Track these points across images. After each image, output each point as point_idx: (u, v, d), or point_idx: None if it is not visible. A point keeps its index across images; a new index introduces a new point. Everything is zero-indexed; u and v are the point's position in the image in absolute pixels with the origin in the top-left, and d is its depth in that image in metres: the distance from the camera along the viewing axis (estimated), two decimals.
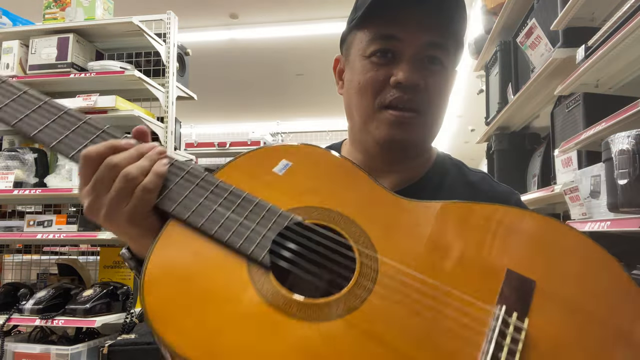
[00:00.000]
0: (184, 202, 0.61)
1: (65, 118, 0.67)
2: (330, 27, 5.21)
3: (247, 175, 0.66)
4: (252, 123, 8.06)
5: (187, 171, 0.64)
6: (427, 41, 0.75)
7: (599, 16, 1.69)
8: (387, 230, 0.63)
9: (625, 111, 1.30)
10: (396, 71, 0.75)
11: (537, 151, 2.44)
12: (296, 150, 0.70)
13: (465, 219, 0.64)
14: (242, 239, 0.59)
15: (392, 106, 0.76)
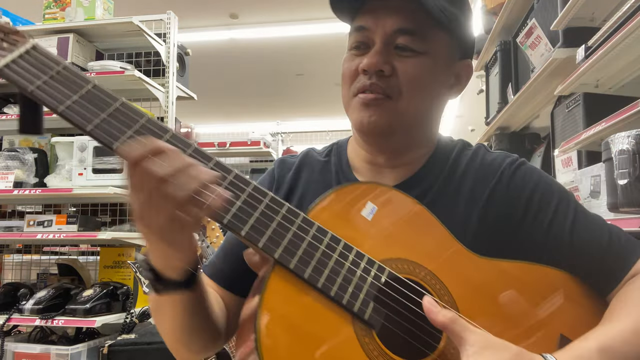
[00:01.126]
0: (287, 247, 0.60)
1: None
2: (330, 27, 5.21)
3: (338, 217, 0.66)
4: (252, 123, 8.06)
5: (285, 210, 0.63)
6: (395, 27, 0.76)
7: (599, 16, 1.69)
8: (465, 288, 0.67)
9: (625, 111, 1.30)
10: (364, 59, 0.77)
11: (537, 151, 2.44)
12: (380, 193, 0.71)
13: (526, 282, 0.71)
14: (347, 294, 0.60)
15: (359, 92, 0.78)
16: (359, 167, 0.86)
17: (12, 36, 0.61)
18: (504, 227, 0.78)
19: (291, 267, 0.59)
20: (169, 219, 0.55)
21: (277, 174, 0.89)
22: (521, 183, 0.80)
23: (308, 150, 0.93)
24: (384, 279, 0.63)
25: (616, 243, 0.76)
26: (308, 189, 0.86)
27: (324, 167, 0.88)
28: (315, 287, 0.59)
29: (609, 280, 0.74)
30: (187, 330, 0.72)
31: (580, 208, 0.79)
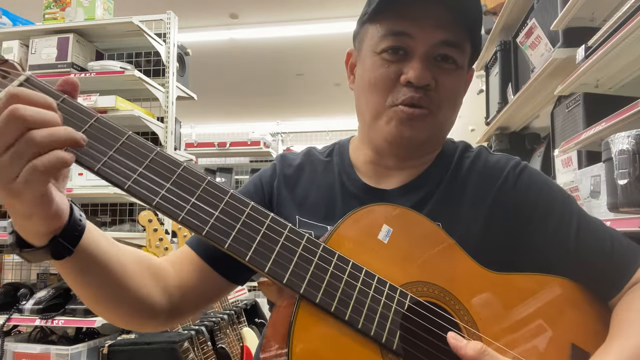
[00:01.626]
0: (311, 280, 0.59)
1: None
2: (330, 27, 5.21)
3: (356, 243, 0.66)
4: (252, 123, 8.06)
5: (305, 240, 0.61)
6: (441, 39, 0.74)
7: (599, 16, 1.69)
8: (482, 307, 0.69)
9: (625, 111, 1.30)
10: (407, 69, 0.74)
11: (537, 151, 2.44)
12: (394, 214, 0.70)
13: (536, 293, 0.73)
14: (374, 324, 0.60)
15: (403, 104, 0.76)
16: (362, 167, 0.86)
17: (0, 67, 0.55)
18: (509, 230, 0.78)
19: (317, 302, 0.58)
20: (26, 168, 0.48)
21: (279, 169, 0.88)
22: (526, 187, 0.80)
23: (309, 149, 0.93)
24: (407, 305, 0.64)
25: (618, 248, 0.76)
26: (310, 188, 0.85)
27: (326, 167, 0.87)
28: (342, 320, 0.59)
29: (612, 286, 0.75)
30: (92, 297, 0.67)
31: (582, 213, 0.80)
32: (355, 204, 0.81)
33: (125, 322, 0.73)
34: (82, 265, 0.61)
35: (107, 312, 0.70)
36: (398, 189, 0.82)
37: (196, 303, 0.79)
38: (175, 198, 0.56)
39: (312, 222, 0.81)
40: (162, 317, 0.74)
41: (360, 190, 0.83)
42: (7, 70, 0.56)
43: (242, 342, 2.46)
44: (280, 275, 0.58)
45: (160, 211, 0.56)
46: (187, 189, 0.57)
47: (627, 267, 0.75)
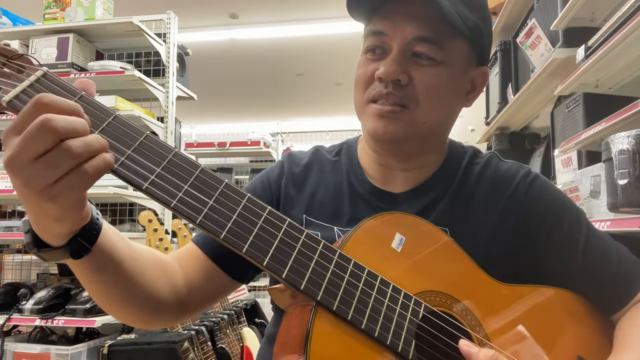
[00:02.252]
0: (328, 287, 0.58)
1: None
2: (330, 27, 5.21)
3: (369, 251, 0.66)
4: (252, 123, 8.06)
5: (322, 246, 0.61)
6: (414, 35, 0.74)
7: (599, 16, 1.69)
8: (493, 317, 0.69)
9: (625, 111, 1.30)
10: (380, 66, 0.75)
11: (537, 151, 2.44)
12: (406, 222, 0.71)
13: (544, 305, 0.74)
14: (390, 333, 0.60)
15: (374, 100, 0.77)
16: (369, 168, 0.85)
17: (16, 61, 0.55)
18: (518, 239, 0.78)
19: (334, 309, 0.58)
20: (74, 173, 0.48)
21: (287, 167, 0.88)
22: (537, 197, 0.80)
23: (317, 148, 0.92)
24: (422, 314, 0.64)
25: (625, 264, 0.77)
26: (318, 188, 0.85)
27: (334, 167, 0.87)
28: (358, 328, 0.59)
29: (617, 301, 0.76)
30: (105, 295, 0.67)
31: (591, 227, 0.80)
32: (363, 205, 0.81)
33: (135, 319, 0.73)
34: (99, 263, 0.61)
35: (119, 309, 0.70)
36: (406, 192, 0.82)
37: (202, 300, 0.79)
38: (193, 200, 0.55)
39: (319, 222, 0.81)
40: (169, 315, 0.74)
41: (368, 192, 0.83)
42: (23, 64, 0.55)
43: (242, 342, 2.46)
44: (297, 282, 0.58)
45: (178, 213, 0.55)
46: (205, 191, 0.56)
47: (633, 283, 0.76)
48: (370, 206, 0.81)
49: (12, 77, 0.54)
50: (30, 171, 0.47)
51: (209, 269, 0.79)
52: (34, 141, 0.47)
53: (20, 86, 0.53)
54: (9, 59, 0.55)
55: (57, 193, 0.49)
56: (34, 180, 0.48)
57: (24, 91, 0.53)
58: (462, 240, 0.74)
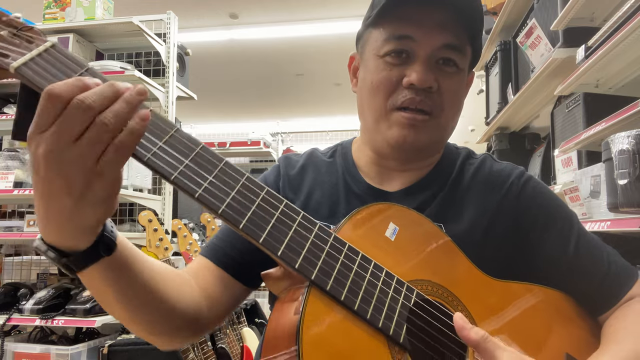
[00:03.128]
0: (322, 267, 0.59)
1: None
2: (330, 27, 5.21)
3: (364, 237, 0.67)
4: (252, 123, 8.07)
5: (317, 228, 0.61)
6: (443, 43, 0.74)
7: (599, 16, 1.69)
8: (483, 309, 0.70)
9: (625, 111, 1.30)
10: (409, 72, 0.74)
11: (537, 151, 2.44)
12: (400, 213, 0.71)
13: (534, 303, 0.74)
14: (382, 315, 0.60)
15: (404, 107, 0.76)
16: (365, 168, 0.86)
17: (26, 33, 0.56)
18: (509, 239, 0.79)
19: (327, 289, 0.58)
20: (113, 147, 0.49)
21: (283, 171, 0.89)
22: (530, 197, 0.81)
23: (312, 150, 0.93)
24: (414, 300, 0.64)
25: (614, 267, 0.79)
26: (314, 189, 0.85)
27: (329, 168, 0.88)
28: (351, 309, 0.59)
29: (605, 302, 0.77)
30: (136, 306, 0.64)
31: (582, 229, 0.81)
32: (359, 204, 0.81)
33: (154, 333, 0.70)
34: (120, 264, 0.60)
35: (138, 321, 0.67)
36: (401, 191, 0.82)
37: (220, 312, 0.79)
38: (194, 175, 0.56)
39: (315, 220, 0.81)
40: (189, 331, 0.73)
41: (364, 191, 0.83)
42: (33, 36, 0.56)
43: (242, 342, 2.46)
44: (293, 259, 0.58)
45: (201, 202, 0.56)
46: (206, 167, 0.57)
47: (621, 285, 0.77)
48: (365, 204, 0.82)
49: (22, 46, 0.55)
50: (77, 152, 0.47)
51: (222, 279, 0.79)
52: (72, 124, 0.47)
53: (29, 54, 0.53)
54: (19, 30, 0.56)
55: (103, 168, 0.49)
56: (82, 160, 0.48)
57: (33, 59, 0.53)
58: (455, 239, 0.75)
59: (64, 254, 0.55)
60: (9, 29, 0.56)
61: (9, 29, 0.55)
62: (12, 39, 0.55)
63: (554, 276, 0.78)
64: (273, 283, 0.66)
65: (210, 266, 0.80)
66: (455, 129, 0.85)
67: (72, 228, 0.53)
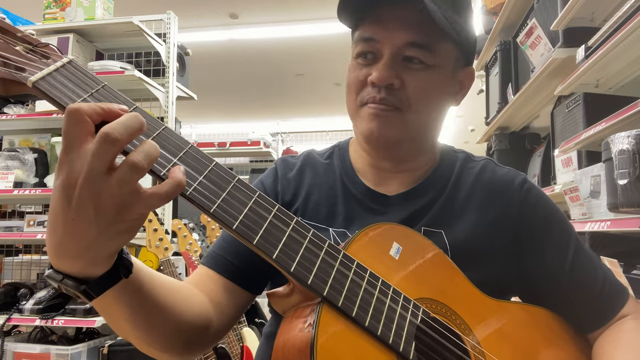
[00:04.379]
0: (333, 284, 0.59)
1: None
2: (330, 27, 5.21)
3: (370, 255, 0.67)
4: (252, 123, 8.06)
5: (327, 245, 0.62)
6: (406, 40, 0.75)
7: (599, 16, 1.69)
8: (484, 328, 0.71)
9: (625, 111, 1.30)
10: (373, 71, 0.76)
11: (537, 151, 2.44)
12: (402, 234, 0.72)
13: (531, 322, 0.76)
14: (392, 332, 0.61)
15: (367, 104, 0.78)
16: (362, 170, 0.86)
17: (41, 49, 0.57)
18: (510, 246, 0.80)
19: (339, 305, 0.58)
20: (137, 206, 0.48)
21: (281, 173, 0.89)
22: (532, 206, 0.82)
23: (309, 151, 0.93)
24: (420, 317, 0.65)
25: (608, 284, 0.79)
26: (312, 190, 0.85)
27: (327, 169, 0.88)
28: (362, 326, 0.59)
29: (598, 319, 0.77)
30: (148, 326, 0.64)
31: (580, 243, 0.82)
32: (357, 206, 0.82)
33: (167, 350, 0.68)
34: (137, 284, 0.60)
35: (150, 340, 0.66)
36: (399, 195, 0.82)
37: (229, 320, 0.79)
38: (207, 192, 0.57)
39: (314, 223, 0.81)
40: (199, 343, 0.72)
41: (361, 193, 0.83)
42: (49, 52, 0.57)
43: (242, 342, 2.46)
44: (305, 276, 0.58)
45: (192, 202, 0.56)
46: (220, 184, 0.58)
47: (614, 303, 0.78)
48: (364, 207, 0.82)
49: (38, 61, 0.56)
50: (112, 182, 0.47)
51: (226, 287, 0.79)
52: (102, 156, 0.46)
53: (47, 69, 0.54)
54: (35, 47, 0.57)
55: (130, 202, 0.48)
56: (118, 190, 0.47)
57: (51, 74, 0.54)
58: (455, 245, 0.75)
59: (81, 281, 0.53)
60: (24, 44, 0.57)
61: (24, 45, 0.57)
62: (27, 54, 0.56)
63: (549, 287, 0.79)
64: (278, 301, 0.66)
65: (212, 275, 0.80)
66: (455, 129, 0.85)
67: (90, 257, 0.51)
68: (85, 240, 0.49)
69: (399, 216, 0.80)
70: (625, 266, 1.30)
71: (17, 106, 2.65)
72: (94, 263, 0.52)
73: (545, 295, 0.79)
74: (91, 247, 0.49)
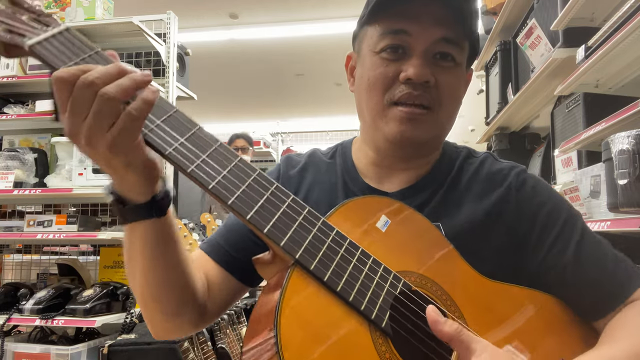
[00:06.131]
0: (308, 248, 0.60)
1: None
2: (330, 27, 5.21)
3: (354, 226, 0.67)
4: (252, 123, 8.05)
5: (306, 211, 0.63)
6: (439, 36, 0.74)
7: (599, 16, 1.69)
8: (473, 307, 0.69)
9: (625, 111, 1.30)
10: (406, 67, 0.74)
11: (537, 151, 2.44)
12: (393, 208, 0.71)
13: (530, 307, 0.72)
14: (365, 299, 0.60)
15: (402, 102, 0.75)
16: (364, 168, 0.86)
17: (45, 18, 0.62)
18: (509, 237, 0.78)
19: (311, 269, 0.59)
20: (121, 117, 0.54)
21: (283, 170, 0.89)
22: (529, 195, 0.80)
23: (314, 150, 0.93)
24: (400, 288, 0.64)
25: (620, 269, 0.75)
26: (313, 188, 0.86)
27: (329, 168, 0.88)
28: (334, 291, 0.59)
29: (605, 305, 0.74)
30: (158, 279, 0.69)
31: (588, 229, 0.79)
32: None
33: (179, 317, 0.74)
34: (164, 233, 0.66)
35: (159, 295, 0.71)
36: (399, 191, 0.82)
37: (218, 307, 0.81)
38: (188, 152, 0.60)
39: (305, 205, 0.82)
40: (192, 314, 0.76)
41: (362, 191, 0.83)
42: (50, 21, 0.62)
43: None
44: (279, 237, 0.59)
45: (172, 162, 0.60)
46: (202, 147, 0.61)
47: (627, 287, 0.73)
48: None
49: (39, 29, 0.61)
50: (84, 128, 0.53)
51: (219, 275, 0.81)
52: (78, 101, 0.52)
53: (44, 34, 0.59)
54: (39, 16, 0.62)
55: (112, 139, 0.54)
56: (90, 134, 0.53)
57: (47, 39, 0.59)
58: (453, 238, 0.74)
59: (123, 202, 0.62)
60: (29, 13, 0.62)
61: (29, 14, 0.62)
62: (30, 22, 0.61)
63: (553, 278, 0.76)
64: (262, 267, 0.67)
65: (207, 260, 0.83)
66: (455, 129, 0.85)
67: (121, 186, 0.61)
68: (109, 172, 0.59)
69: None
70: None
71: (17, 106, 2.65)
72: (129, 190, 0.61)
73: (551, 284, 0.76)
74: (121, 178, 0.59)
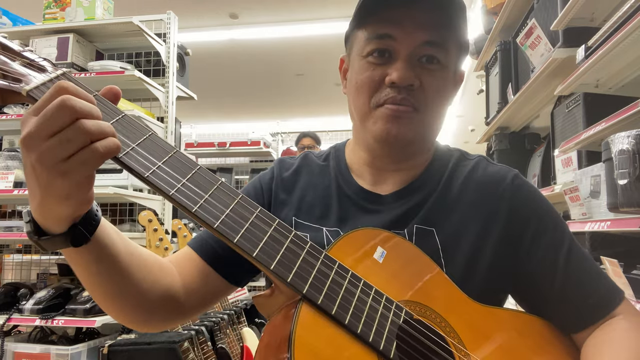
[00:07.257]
0: (314, 283, 0.61)
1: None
2: (330, 27, 5.21)
3: (353, 258, 0.68)
4: (252, 123, 8.06)
5: (309, 246, 0.63)
6: (424, 40, 0.75)
7: (599, 16, 1.69)
8: (470, 332, 0.71)
9: (625, 111, 1.30)
10: (391, 70, 0.76)
11: (537, 151, 2.44)
12: (387, 239, 0.73)
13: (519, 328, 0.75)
14: (372, 331, 0.61)
15: (386, 104, 0.77)
16: (358, 170, 0.87)
17: (38, 63, 0.62)
18: (501, 243, 0.79)
19: (319, 303, 0.59)
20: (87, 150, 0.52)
21: (277, 173, 0.90)
22: (523, 202, 0.81)
23: (307, 153, 0.94)
24: (403, 317, 0.65)
25: (603, 284, 0.78)
26: (307, 191, 0.86)
27: (322, 171, 0.89)
28: (342, 324, 0.60)
29: (589, 317, 0.76)
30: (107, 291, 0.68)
31: (574, 241, 0.81)
32: (350, 206, 0.83)
33: (130, 319, 0.73)
34: (96, 254, 0.63)
35: (114, 306, 0.71)
36: (393, 194, 0.83)
37: (198, 303, 0.80)
38: (191, 192, 0.60)
39: (308, 223, 0.82)
40: (162, 315, 0.75)
41: (356, 193, 0.84)
42: (45, 66, 0.63)
43: (242, 342, 2.46)
44: (285, 274, 0.60)
45: (175, 202, 0.59)
46: (203, 186, 0.61)
47: (609, 301, 0.76)
48: (357, 207, 0.82)
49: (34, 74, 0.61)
50: (46, 146, 0.51)
51: (204, 272, 0.81)
52: (53, 118, 0.51)
53: (42, 79, 0.60)
54: (32, 61, 0.62)
55: (68, 168, 0.52)
56: (48, 155, 0.51)
57: (44, 84, 0.59)
58: (446, 241, 0.75)
59: (41, 233, 0.59)
60: (22, 59, 0.62)
61: (22, 60, 0.62)
62: (24, 67, 0.61)
63: (541, 284, 0.78)
64: (263, 303, 0.67)
65: (194, 257, 0.82)
66: (455, 129, 0.85)
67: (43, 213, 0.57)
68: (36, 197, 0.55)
69: (393, 215, 0.80)
70: (625, 266, 1.30)
71: (17, 106, 2.65)
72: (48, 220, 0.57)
73: (538, 292, 0.78)
74: (42, 204, 0.56)
